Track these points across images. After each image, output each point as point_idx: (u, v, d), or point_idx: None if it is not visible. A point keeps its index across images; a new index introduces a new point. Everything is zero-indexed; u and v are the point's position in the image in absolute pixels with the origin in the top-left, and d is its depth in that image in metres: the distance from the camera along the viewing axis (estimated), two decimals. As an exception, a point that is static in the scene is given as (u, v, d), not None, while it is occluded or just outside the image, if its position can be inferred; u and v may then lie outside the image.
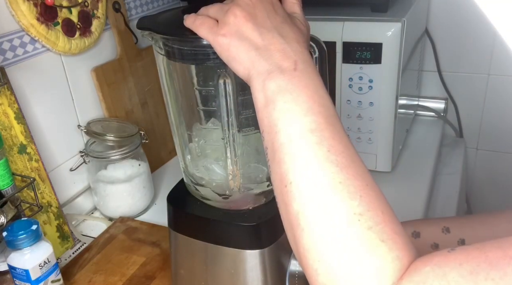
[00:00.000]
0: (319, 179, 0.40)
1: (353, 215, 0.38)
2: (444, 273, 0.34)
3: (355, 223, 0.38)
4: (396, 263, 0.37)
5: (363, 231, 0.38)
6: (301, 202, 0.40)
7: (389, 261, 0.37)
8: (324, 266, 0.38)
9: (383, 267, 0.37)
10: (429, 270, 0.35)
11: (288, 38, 0.46)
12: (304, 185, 0.40)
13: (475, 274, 0.33)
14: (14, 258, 0.66)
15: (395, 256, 0.37)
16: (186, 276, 0.64)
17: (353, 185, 0.40)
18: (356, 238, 0.38)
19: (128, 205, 0.94)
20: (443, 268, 0.34)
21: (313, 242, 0.39)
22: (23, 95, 0.82)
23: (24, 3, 0.77)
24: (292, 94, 0.43)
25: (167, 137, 1.14)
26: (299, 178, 0.41)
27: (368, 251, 0.37)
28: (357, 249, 0.37)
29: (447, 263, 0.34)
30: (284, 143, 0.42)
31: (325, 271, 0.38)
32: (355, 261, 0.37)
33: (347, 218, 0.38)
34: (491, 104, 1.25)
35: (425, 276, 0.35)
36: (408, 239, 0.39)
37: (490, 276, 0.32)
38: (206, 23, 0.48)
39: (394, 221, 0.39)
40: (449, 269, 0.34)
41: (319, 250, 0.39)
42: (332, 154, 0.41)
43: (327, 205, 0.39)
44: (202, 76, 0.57)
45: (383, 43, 0.87)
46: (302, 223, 0.40)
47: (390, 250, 0.37)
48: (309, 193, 0.40)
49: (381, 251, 0.37)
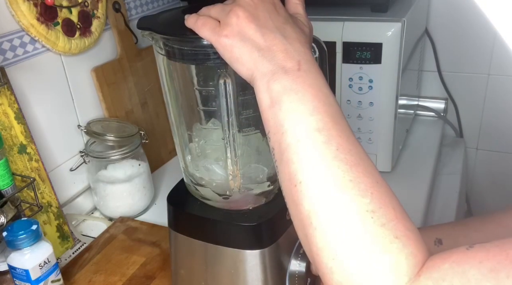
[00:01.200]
0: (329, 178, 0.40)
1: (366, 212, 0.38)
2: (463, 271, 0.34)
3: (368, 220, 0.38)
4: (410, 259, 0.37)
5: (376, 228, 0.38)
6: (312, 202, 0.40)
7: (404, 258, 0.37)
8: (338, 264, 0.38)
9: (398, 263, 0.37)
10: (448, 267, 0.35)
11: (290, 38, 0.46)
12: (314, 185, 0.40)
13: (496, 272, 0.32)
14: (14, 258, 0.66)
15: (409, 252, 0.37)
16: (186, 276, 0.64)
17: (364, 183, 0.39)
18: (370, 235, 0.38)
19: (128, 205, 0.94)
20: (462, 265, 0.34)
21: (327, 240, 0.39)
22: (23, 95, 0.81)
23: (24, 3, 0.77)
24: (298, 94, 0.43)
25: (167, 137, 1.14)
26: (309, 177, 0.41)
27: (382, 248, 0.37)
28: (371, 246, 0.37)
29: (467, 261, 0.34)
30: (292, 143, 0.42)
31: (340, 270, 0.38)
32: (370, 258, 0.37)
33: (360, 215, 0.38)
34: (491, 104, 1.25)
35: (444, 273, 0.35)
36: (420, 236, 0.39)
37: None
38: (208, 23, 0.47)
39: (405, 217, 0.39)
40: (469, 266, 0.34)
41: (332, 248, 0.39)
42: (340, 152, 0.41)
43: (339, 203, 0.39)
44: (203, 76, 0.57)
45: (383, 43, 0.87)
46: (314, 222, 0.40)
47: (404, 246, 0.37)
48: (319, 192, 0.40)
49: (396, 247, 0.37)
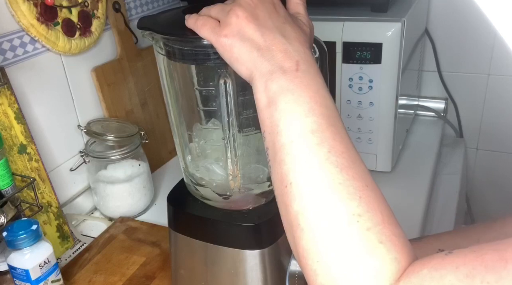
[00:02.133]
0: (319, 180, 0.40)
1: (352, 215, 0.38)
2: (440, 276, 0.34)
3: (354, 223, 0.38)
4: (394, 265, 0.37)
5: (362, 232, 0.38)
6: (301, 203, 0.40)
7: (388, 263, 0.37)
8: (323, 266, 0.38)
9: (381, 268, 0.37)
10: (426, 272, 0.35)
11: (290, 38, 0.45)
12: (304, 186, 0.40)
13: (471, 277, 0.33)
14: (14, 258, 0.66)
15: (393, 257, 0.37)
16: (186, 276, 0.64)
17: (353, 186, 0.39)
18: (355, 239, 0.38)
19: (128, 205, 0.94)
20: (439, 270, 0.34)
21: (312, 242, 0.39)
22: (23, 95, 0.81)
23: (24, 3, 0.77)
24: (294, 94, 0.43)
25: (167, 137, 1.14)
26: (299, 178, 0.41)
27: (366, 252, 0.37)
28: (355, 249, 0.37)
29: (444, 266, 0.34)
30: (285, 143, 0.42)
31: (324, 272, 0.38)
32: (353, 261, 0.37)
33: (346, 218, 0.38)
34: (491, 104, 1.25)
35: (421, 278, 0.35)
36: (407, 241, 0.39)
37: (486, 279, 0.32)
38: (208, 23, 0.47)
39: (393, 222, 0.39)
40: (446, 272, 0.34)
41: (318, 250, 0.39)
42: (332, 155, 0.41)
43: (327, 206, 0.39)
44: (203, 76, 0.57)
45: (383, 43, 0.87)
46: (302, 224, 0.40)
47: (389, 251, 0.37)
48: (309, 193, 0.40)
49: (380, 252, 0.37)
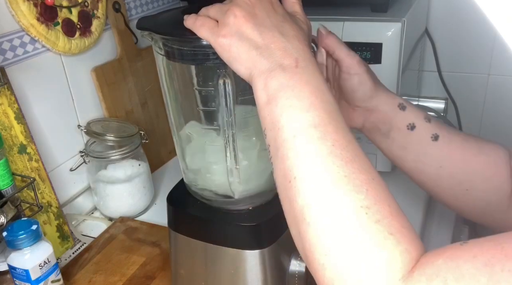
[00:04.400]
0: (323, 173, 0.40)
1: (360, 208, 0.38)
2: (457, 265, 0.34)
3: (362, 216, 0.38)
4: (405, 256, 0.37)
5: (371, 224, 0.37)
6: (306, 197, 0.40)
7: (398, 254, 0.37)
8: (331, 260, 0.38)
9: (392, 259, 0.36)
10: (442, 262, 0.35)
11: (289, 36, 0.46)
12: (308, 180, 0.40)
13: (490, 266, 0.32)
14: (14, 258, 0.66)
15: (403, 249, 0.37)
16: (186, 276, 0.64)
17: (359, 179, 0.39)
18: (364, 231, 0.37)
19: (128, 205, 0.94)
20: (456, 260, 0.34)
21: (319, 236, 0.39)
22: (23, 95, 0.82)
23: (24, 3, 0.77)
24: (294, 90, 0.43)
25: (167, 137, 1.14)
26: (304, 173, 0.41)
27: (376, 244, 0.37)
28: (365, 242, 0.37)
29: (461, 256, 0.34)
30: (288, 139, 0.42)
31: (333, 266, 0.38)
32: (364, 254, 0.37)
33: (354, 211, 0.38)
34: (491, 104, 1.25)
35: (437, 269, 0.35)
36: (415, 233, 0.39)
37: (507, 267, 0.32)
38: (207, 24, 0.48)
39: (400, 214, 0.39)
40: (463, 261, 0.34)
41: (325, 244, 0.39)
42: (336, 148, 0.41)
43: (333, 199, 0.39)
44: (202, 76, 0.57)
45: (383, 43, 0.87)
46: (308, 218, 0.40)
47: (399, 243, 0.37)
48: (314, 187, 0.40)
49: (390, 244, 0.37)
